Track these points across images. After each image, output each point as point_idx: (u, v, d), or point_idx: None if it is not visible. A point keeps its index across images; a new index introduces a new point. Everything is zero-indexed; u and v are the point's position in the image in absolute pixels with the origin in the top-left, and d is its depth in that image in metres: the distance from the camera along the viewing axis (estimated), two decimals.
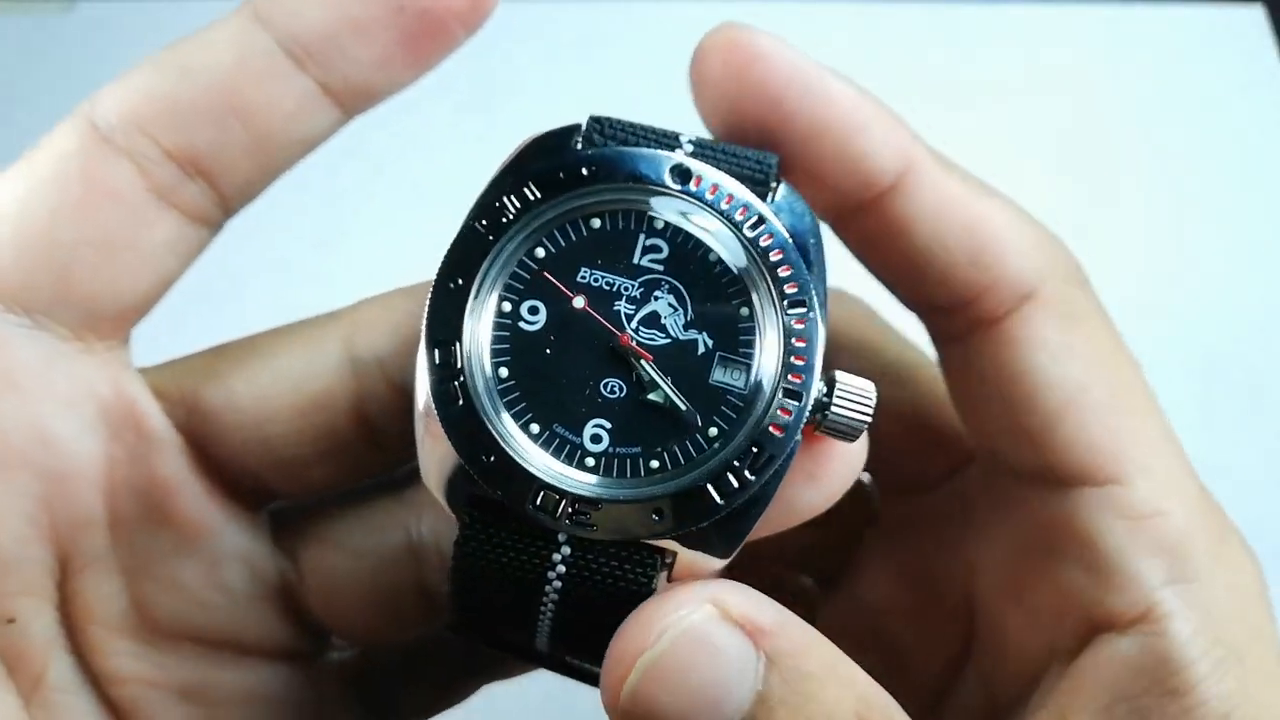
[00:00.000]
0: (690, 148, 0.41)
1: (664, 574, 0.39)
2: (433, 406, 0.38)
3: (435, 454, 0.39)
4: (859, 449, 0.41)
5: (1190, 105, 1.06)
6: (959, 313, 0.45)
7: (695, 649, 0.36)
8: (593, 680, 0.43)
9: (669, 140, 0.41)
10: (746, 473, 0.38)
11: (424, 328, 0.39)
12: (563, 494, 0.37)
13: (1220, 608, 0.41)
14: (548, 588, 0.39)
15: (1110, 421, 0.43)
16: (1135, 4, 1.11)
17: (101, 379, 0.43)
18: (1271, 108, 1.06)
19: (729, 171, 0.40)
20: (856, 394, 0.38)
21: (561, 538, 0.38)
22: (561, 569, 0.39)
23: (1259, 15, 1.10)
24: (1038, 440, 0.44)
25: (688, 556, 0.39)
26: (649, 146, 0.41)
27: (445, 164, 0.90)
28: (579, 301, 0.39)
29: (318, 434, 0.46)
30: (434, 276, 0.39)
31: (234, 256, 0.59)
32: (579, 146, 0.41)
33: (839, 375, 0.39)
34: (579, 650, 0.43)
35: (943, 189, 0.46)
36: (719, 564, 0.40)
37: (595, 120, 0.41)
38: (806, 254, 0.40)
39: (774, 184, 0.41)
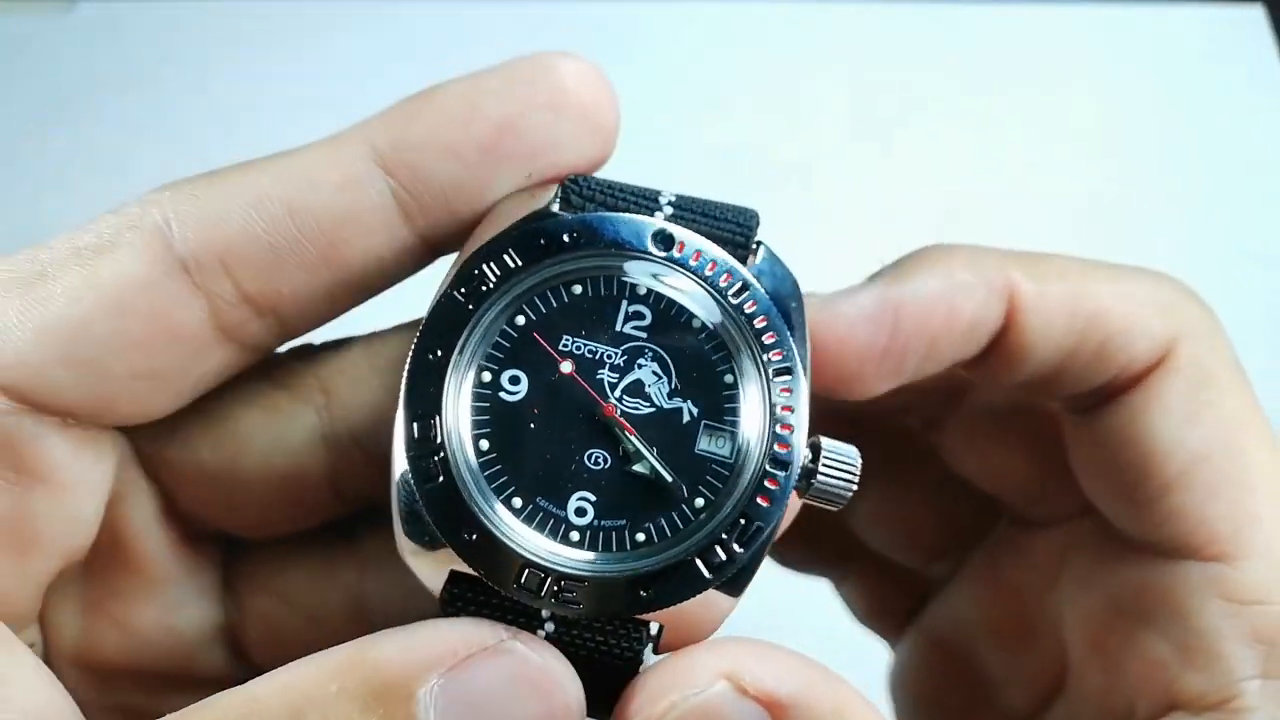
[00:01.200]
0: (670, 210, 0.40)
1: (650, 645, 0.38)
2: (409, 476, 0.37)
3: (412, 528, 0.37)
4: (792, 505, 0.40)
5: (1190, 105, 1.06)
6: (1089, 395, 0.44)
7: None
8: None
9: (648, 201, 0.40)
10: (735, 545, 0.37)
11: (402, 400, 0.37)
12: (548, 572, 0.36)
13: None
14: None
15: (1226, 496, 0.41)
16: (1135, 4, 1.11)
17: (112, 454, 0.41)
18: (1271, 108, 1.06)
19: (709, 234, 0.39)
20: (843, 461, 0.38)
21: (545, 613, 0.37)
22: None
23: (1259, 15, 1.10)
24: (1148, 509, 0.43)
25: (677, 622, 0.38)
26: (629, 208, 0.40)
27: None
28: (566, 366, 0.38)
29: (286, 502, 0.44)
30: (409, 336, 0.38)
31: None
32: (555, 209, 0.40)
33: (824, 441, 0.38)
34: None
35: (1049, 302, 0.43)
36: (706, 635, 0.38)
37: (571, 180, 0.40)
38: (789, 318, 0.39)
39: (754, 246, 0.40)
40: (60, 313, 0.36)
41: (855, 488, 0.38)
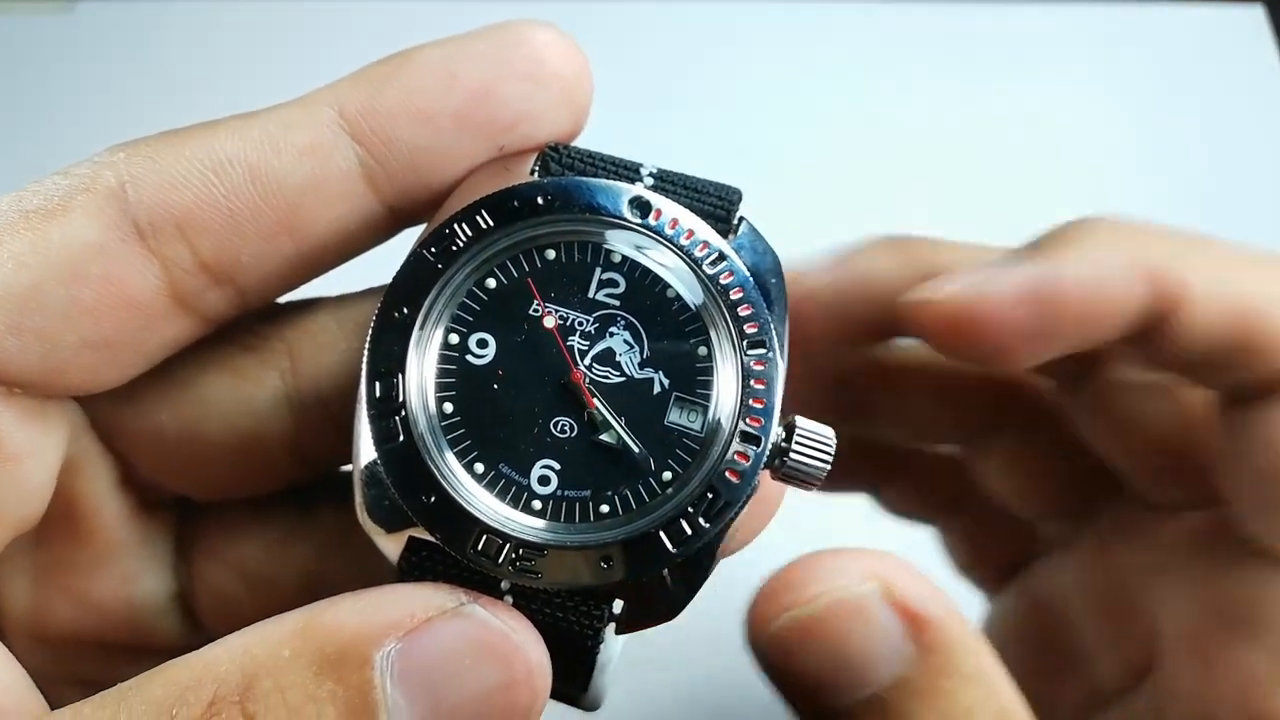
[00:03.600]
0: (651, 180, 0.39)
1: (612, 624, 0.37)
2: (371, 442, 0.36)
3: (372, 492, 0.37)
4: (776, 493, 0.39)
5: (1190, 105, 1.05)
6: (1245, 389, 0.43)
7: (849, 620, 0.34)
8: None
9: (629, 171, 0.39)
10: (701, 520, 0.36)
11: (365, 358, 0.36)
12: (507, 538, 0.35)
13: None
14: None
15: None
16: (1135, 4, 1.11)
17: (63, 424, 0.40)
18: (1271, 108, 1.05)
19: (690, 206, 0.38)
20: (816, 440, 0.37)
21: (505, 585, 0.36)
22: None
23: (1259, 15, 1.10)
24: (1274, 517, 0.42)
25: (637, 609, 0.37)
26: (608, 174, 0.39)
27: None
28: (549, 321, 0.38)
29: (247, 466, 0.43)
30: (377, 300, 0.37)
31: None
32: (534, 174, 0.39)
33: (799, 420, 0.37)
34: None
35: (1207, 298, 0.42)
36: (674, 614, 0.37)
37: (551, 148, 0.39)
38: (767, 293, 0.38)
39: (736, 220, 0.39)
40: (7, 279, 0.35)
41: (829, 468, 0.37)
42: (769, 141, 1.03)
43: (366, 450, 0.36)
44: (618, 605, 0.37)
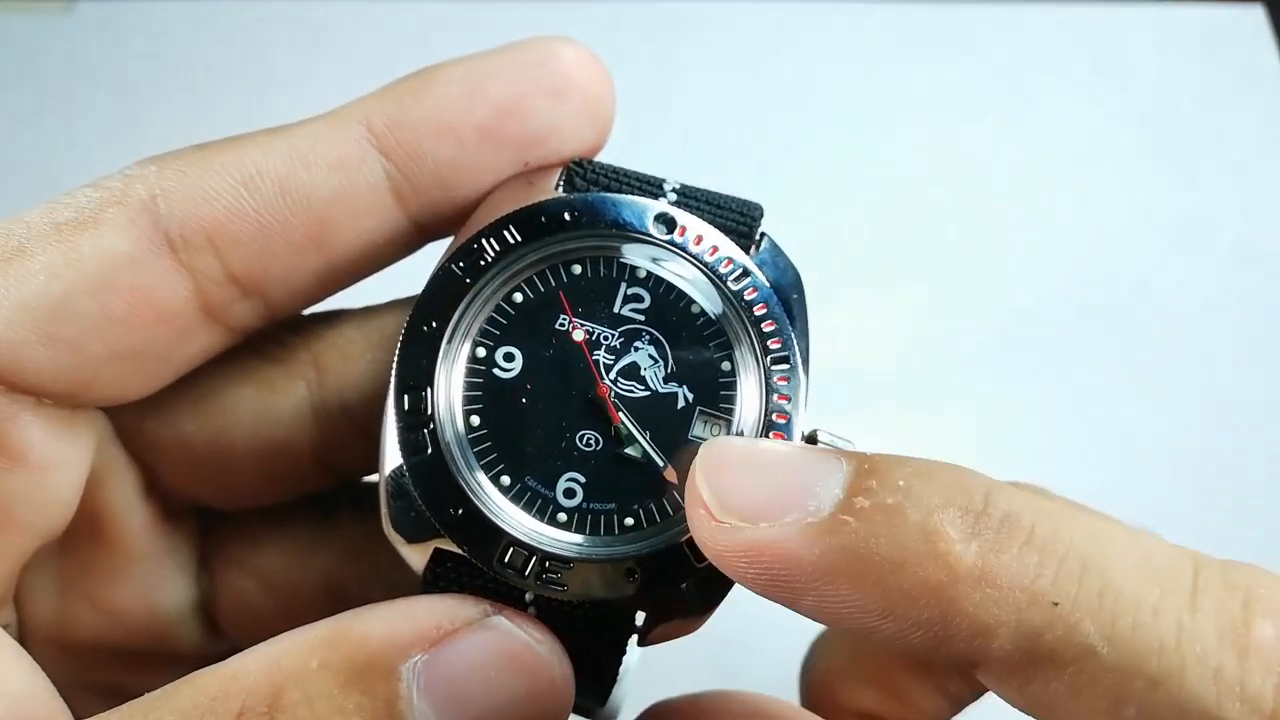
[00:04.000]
0: (674, 195, 0.40)
1: (634, 636, 0.38)
2: (399, 454, 0.36)
3: (398, 503, 0.37)
4: None
5: (1190, 105, 1.06)
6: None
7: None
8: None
9: (652, 186, 0.40)
10: None
11: (394, 371, 0.37)
12: (533, 551, 0.36)
13: None
14: None
15: None
16: (1135, 4, 1.11)
17: (91, 435, 0.41)
18: (1271, 108, 1.06)
19: (713, 221, 0.39)
20: None
21: (528, 597, 0.37)
22: None
23: (1259, 15, 1.10)
24: None
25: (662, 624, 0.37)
26: (632, 189, 0.39)
27: None
28: (578, 334, 0.38)
29: (272, 475, 0.43)
30: (403, 312, 0.38)
31: None
32: (558, 190, 0.39)
33: (821, 433, 0.38)
34: None
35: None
36: (696, 626, 0.38)
37: (576, 163, 0.40)
38: (789, 308, 0.39)
39: (758, 236, 0.40)
40: (39, 290, 0.35)
41: None
42: (781, 145, 1.03)
43: (392, 462, 0.37)
44: (639, 617, 0.37)
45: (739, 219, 0.40)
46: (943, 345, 0.93)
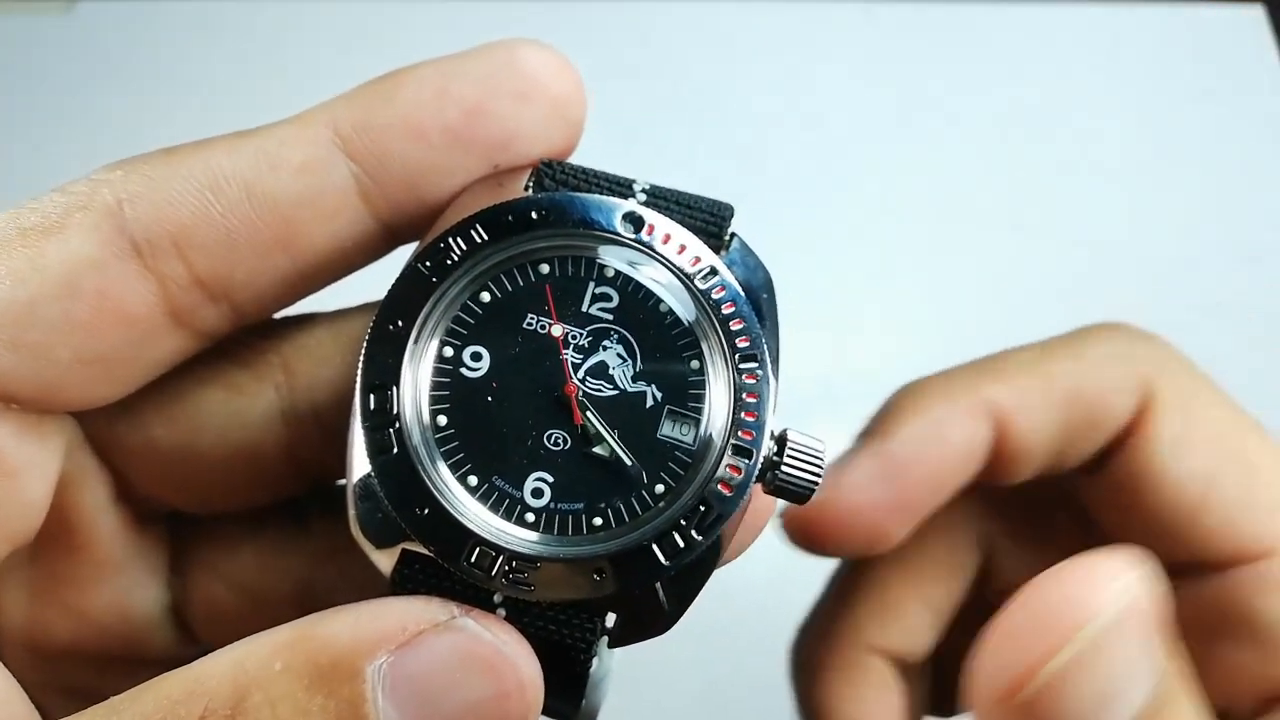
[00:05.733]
0: (644, 196, 0.39)
1: (605, 638, 0.37)
2: (366, 455, 0.36)
3: (365, 505, 0.37)
4: (766, 510, 0.40)
5: (1190, 105, 1.06)
6: (1096, 459, 0.46)
7: (1109, 650, 0.31)
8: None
9: (622, 187, 0.40)
10: (693, 532, 0.36)
11: (359, 371, 0.37)
12: (500, 550, 0.35)
13: None
14: None
15: (1248, 500, 0.43)
16: (1135, 4, 1.11)
17: (60, 439, 0.40)
18: (1271, 108, 1.06)
19: (682, 221, 0.39)
20: (808, 454, 0.37)
21: (497, 598, 0.36)
22: None
23: (1259, 15, 1.10)
24: (1182, 538, 0.44)
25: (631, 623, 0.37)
26: (601, 190, 0.39)
27: None
28: (557, 330, 0.38)
29: (241, 479, 0.43)
30: (373, 315, 0.37)
31: None
32: (528, 190, 0.39)
33: (790, 434, 0.37)
34: None
35: (1027, 404, 0.46)
36: (667, 627, 0.37)
37: (545, 164, 0.40)
38: (759, 308, 0.38)
39: (728, 236, 0.40)
40: (3, 295, 0.35)
41: (819, 481, 0.37)
42: (761, 146, 1.03)
43: (360, 464, 0.37)
44: (610, 619, 0.37)
45: (708, 219, 0.40)
46: (938, 348, 0.93)
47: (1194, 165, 1.02)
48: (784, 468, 0.37)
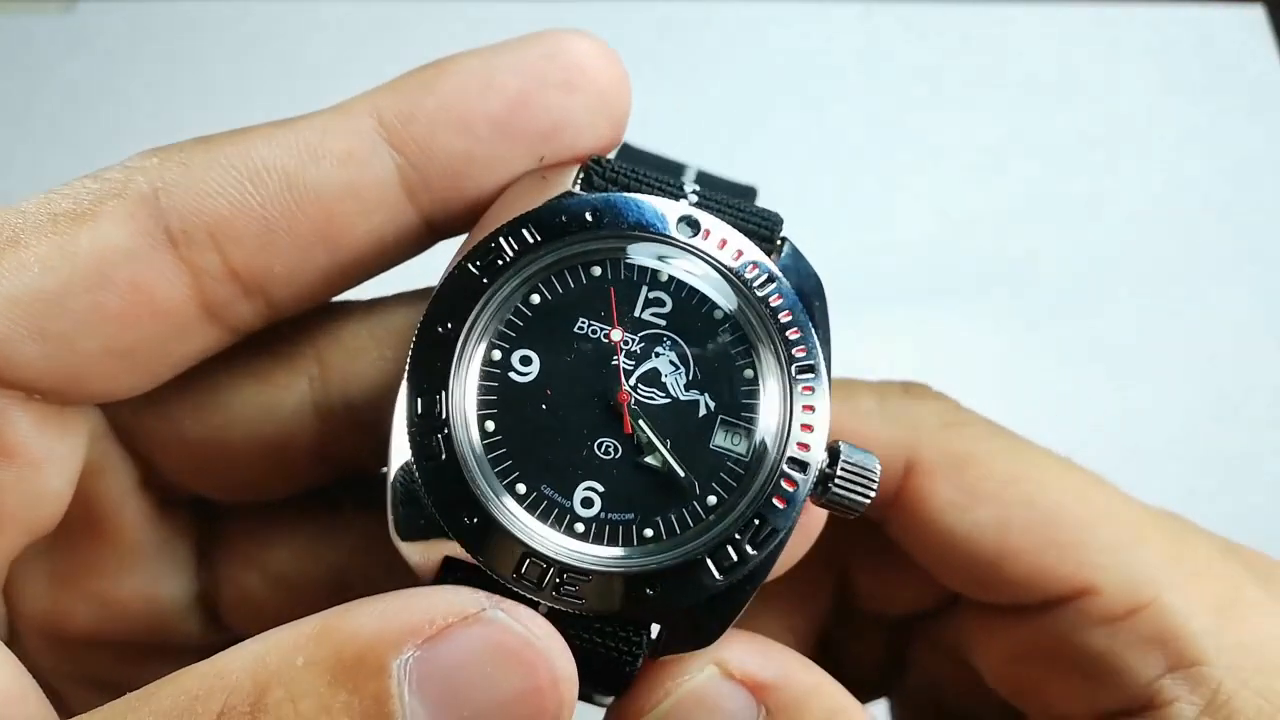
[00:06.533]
0: (694, 197, 0.38)
1: (649, 649, 0.37)
2: (408, 458, 0.35)
3: (406, 510, 0.36)
4: (819, 520, 0.39)
5: (1190, 105, 1.06)
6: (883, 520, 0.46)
7: (698, 708, 0.35)
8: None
9: (672, 180, 0.39)
10: (747, 546, 0.35)
11: (407, 373, 0.35)
12: (550, 562, 0.35)
13: (1236, 679, 0.40)
14: None
15: (1045, 545, 0.42)
16: (1135, 4, 1.11)
17: (83, 429, 0.39)
18: (1271, 108, 1.06)
19: (734, 224, 0.38)
20: (861, 469, 0.36)
21: (541, 609, 0.35)
22: None
23: (1259, 15, 1.10)
24: (990, 584, 0.44)
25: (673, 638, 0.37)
26: (651, 188, 0.38)
27: None
28: (616, 334, 0.37)
29: (270, 470, 0.42)
30: (408, 306, 0.37)
31: None
32: (576, 187, 0.38)
33: (843, 446, 0.36)
34: None
35: None
36: (709, 642, 0.37)
37: (594, 160, 0.39)
38: (813, 316, 0.37)
39: (779, 240, 0.39)
40: (33, 283, 0.34)
41: (872, 497, 0.36)
42: (760, 146, 1.03)
43: (402, 467, 0.35)
44: (655, 629, 0.37)
45: (761, 221, 0.39)
46: (937, 349, 0.93)
47: (1194, 165, 1.02)
48: (838, 481, 0.36)
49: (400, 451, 0.36)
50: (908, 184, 1.01)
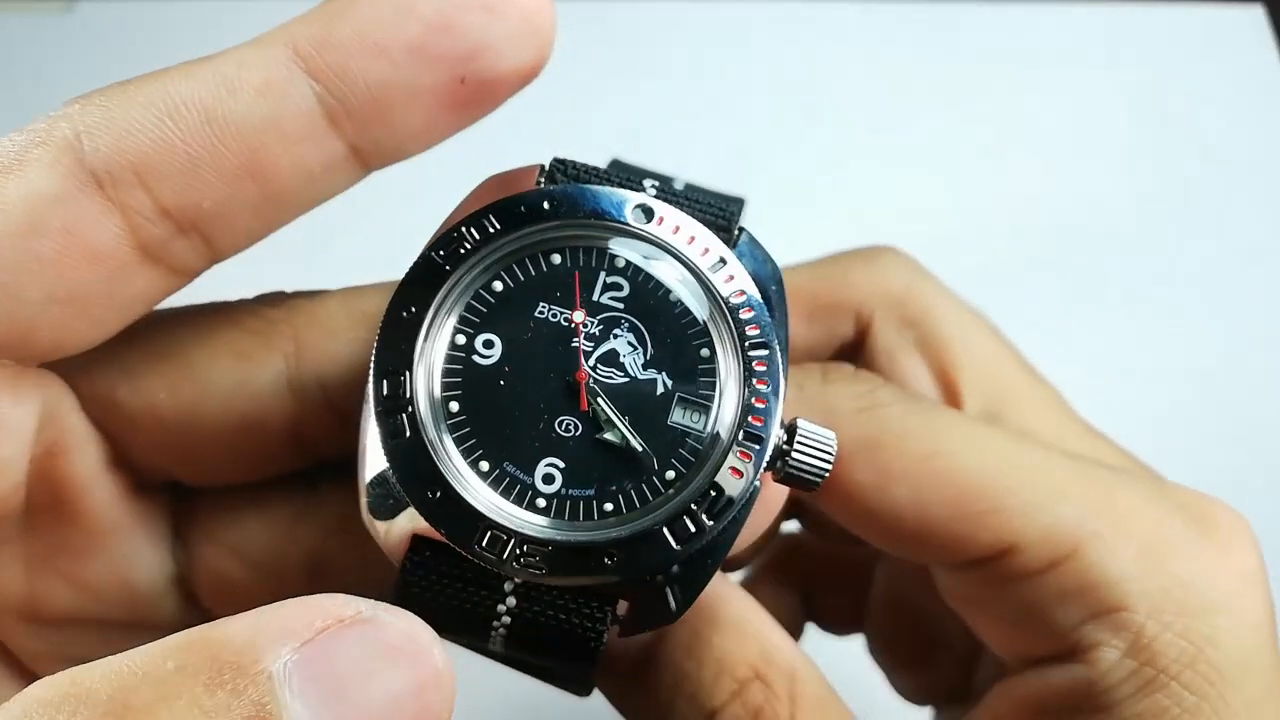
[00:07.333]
0: (653, 191, 0.40)
1: (615, 627, 0.38)
2: (377, 440, 0.37)
3: (376, 492, 0.37)
4: (779, 495, 0.40)
5: (1190, 105, 1.06)
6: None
7: None
8: (545, 675, 0.42)
9: (633, 182, 0.40)
10: (704, 517, 0.36)
11: (373, 356, 0.37)
12: (512, 534, 0.36)
13: (1158, 622, 0.41)
14: (494, 626, 0.38)
15: (968, 510, 0.43)
16: (1135, 4, 1.11)
17: (35, 395, 0.39)
18: (1271, 108, 1.06)
19: (693, 215, 0.39)
20: (818, 442, 0.38)
21: (508, 587, 0.37)
22: (507, 619, 0.37)
23: (1259, 15, 1.10)
24: (921, 555, 0.45)
25: (639, 611, 0.38)
26: (611, 185, 0.40)
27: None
28: (578, 315, 0.38)
29: (244, 451, 0.43)
30: (387, 294, 0.38)
31: None
32: (540, 184, 0.40)
33: (800, 422, 0.38)
34: (531, 656, 0.42)
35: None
36: (675, 617, 0.38)
37: (559, 161, 0.41)
38: (768, 298, 0.39)
39: (736, 230, 0.40)
40: None
41: (829, 470, 0.38)
42: (759, 146, 1.03)
43: (374, 453, 0.37)
44: (622, 606, 0.38)
45: (717, 213, 0.40)
46: None
47: (1194, 165, 1.02)
48: (794, 455, 0.38)
49: (374, 436, 0.37)
50: (908, 184, 1.01)
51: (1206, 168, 1.02)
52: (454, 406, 0.38)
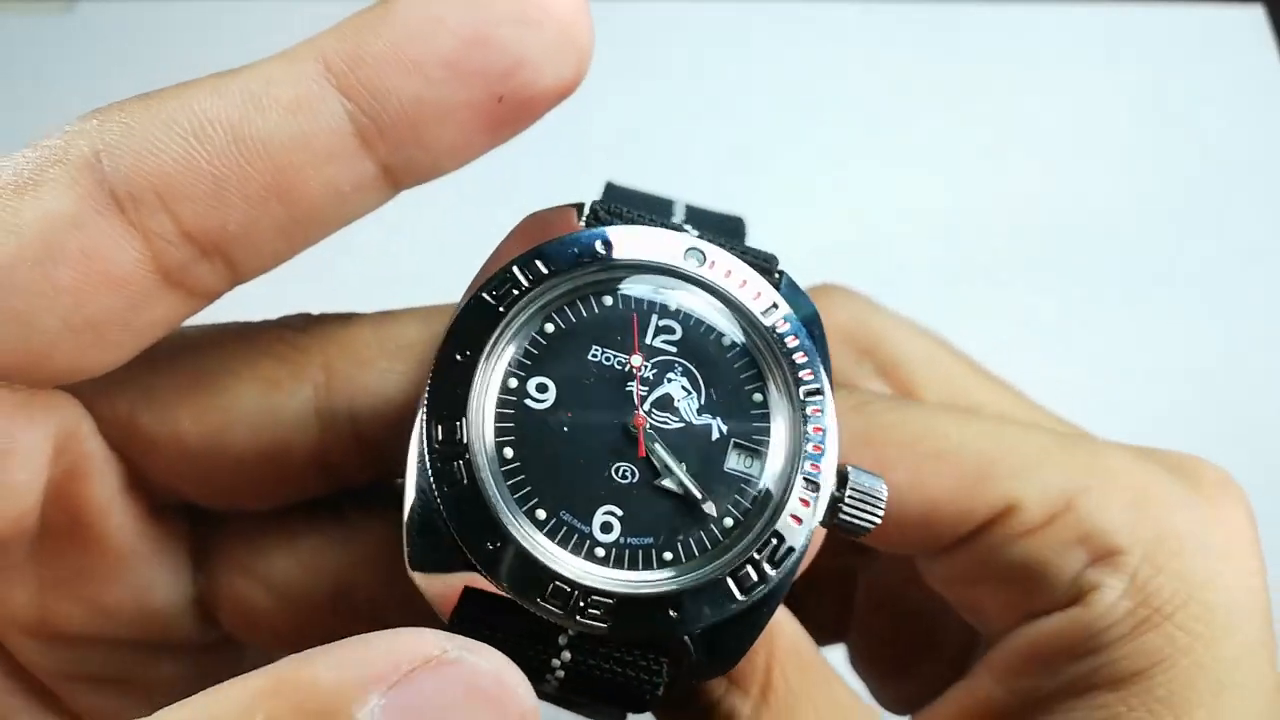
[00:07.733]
0: (696, 232, 0.40)
1: (667, 680, 0.37)
2: (427, 489, 0.35)
3: (421, 541, 0.36)
4: (818, 539, 0.39)
5: (1190, 105, 1.06)
6: None
7: None
8: (594, 715, 0.42)
9: (670, 220, 0.40)
10: (766, 566, 0.36)
11: (426, 400, 0.36)
12: (575, 586, 0.35)
13: (1152, 565, 0.42)
14: (547, 679, 0.36)
15: (967, 476, 0.43)
16: (1135, 4, 1.11)
17: (51, 418, 0.38)
18: (1271, 108, 1.06)
19: (736, 258, 0.39)
20: (869, 491, 0.37)
21: (562, 640, 0.36)
22: (561, 673, 0.36)
23: (1259, 15, 1.10)
24: (930, 540, 0.45)
25: (695, 661, 0.37)
26: (651, 222, 0.40)
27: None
28: (636, 360, 0.38)
29: (267, 477, 0.42)
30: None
31: None
32: (583, 225, 0.39)
33: (851, 470, 0.38)
34: (584, 705, 0.41)
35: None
36: (729, 667, 0.37)
37: (598, 201, 0.40)
38: (814, 341, 0.39)
39: (776, 274, 0.40)
40: None
41: (879, 519, 0.37)
42: (758, 146, 1.03)
43: (418, 497, 0.36)
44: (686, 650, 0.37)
45: (758, 256, 0.40)
46: None
47: (1194, 165, 1.02)
48: (846, 504, 0.37)
49: (415, 482, 0.36)
50: (908, 184, 1.01)
51: (1206, 168, 1.02)
52: (508, 453, 0.36)
